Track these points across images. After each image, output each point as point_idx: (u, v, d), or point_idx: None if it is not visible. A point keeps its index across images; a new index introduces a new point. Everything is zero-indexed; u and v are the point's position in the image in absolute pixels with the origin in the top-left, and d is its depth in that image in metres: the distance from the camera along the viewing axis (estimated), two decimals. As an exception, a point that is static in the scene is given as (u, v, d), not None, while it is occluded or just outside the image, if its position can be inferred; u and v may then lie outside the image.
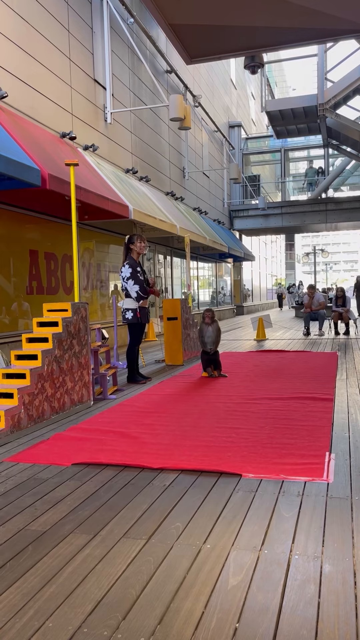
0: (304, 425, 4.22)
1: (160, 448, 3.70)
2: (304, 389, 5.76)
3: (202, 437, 3.95)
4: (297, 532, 2.39)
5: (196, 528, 2.46)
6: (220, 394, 5.70)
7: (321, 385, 5.94)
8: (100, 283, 11.17)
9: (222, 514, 2.61)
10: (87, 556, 2.25)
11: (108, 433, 4.14)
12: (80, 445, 3.85)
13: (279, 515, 2.58)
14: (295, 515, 2.57)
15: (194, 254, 17.85)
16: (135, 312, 6.41)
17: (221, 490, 2.91)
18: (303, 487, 2.92)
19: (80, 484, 3.08)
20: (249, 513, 2.61)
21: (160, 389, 6.06)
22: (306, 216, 22.73)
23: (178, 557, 2.21)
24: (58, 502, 2.83)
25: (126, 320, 6.51)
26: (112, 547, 2.32)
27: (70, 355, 4.93)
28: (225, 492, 2.88)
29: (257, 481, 3.03)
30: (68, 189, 6.76)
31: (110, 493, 2.94)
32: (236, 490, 2.90)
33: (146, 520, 2.57)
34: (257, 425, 4.25)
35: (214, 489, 2.94)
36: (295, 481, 3.01)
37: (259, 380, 6.48)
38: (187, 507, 2.70)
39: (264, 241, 33.44)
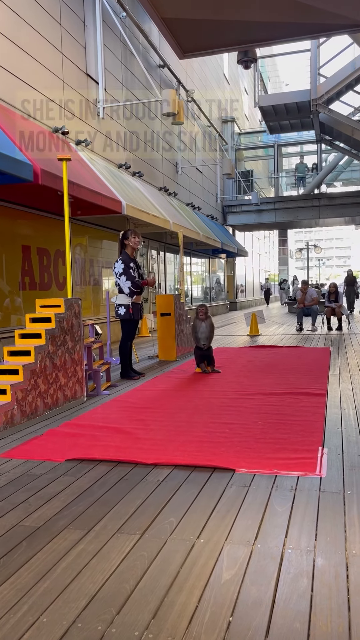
0: (297, 420, 4.24)
1: (154, 443, 3.71)
2: (297, 384, 5.79)
3: (195, 433, 3.96)
4: (290, 527, 2.40)
5: (190, 523, 2.47)
6: (214, 389, 5.71)
7: (314, 380, 5.97)
8: (93, 279, 11.15)
9: (215, 508, 2.62)
10: (82, 551, 2.25)
11: (102, 429, 4.14)
12: (73, 441, 3.85)
13: (272, 509, 2.59)
14: (288, 509, 2.59)
15: (187, 250, 17.83)
16: (128, 308, 6.40)
17: (215, 485, 2.93)
18: (296, 482, 2.93)
19: (74, 480, 3.09)
20: (242, 508, 2.62)
21: (154, 385, 6.06)
22: (299, 212, 22.75)
23: (172, 551, 2.22)
24: (52, 497, 2.83)
25: (119, 316, 6.50)
26: (106, 542, 2.32)
27: (64, 351, 4.92)
28: (218, 487, 2.90)
29: (250, 476, 3.04)
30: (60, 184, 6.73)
31: (104, 488, 2.94)
32: (230, 485, 2.92)
33: (140, 515, 2.58)
34: (250, 421, 4.26)
35: (207, 484, 2.95)
36: (288, 476, 3.03)
37: (253, 375, 6.49)
38: (181, 502, 2.71)
39: (257, 237, 33.46)
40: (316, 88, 17.32)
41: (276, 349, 9.10)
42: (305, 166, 24.60)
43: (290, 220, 23.46)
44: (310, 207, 22.39)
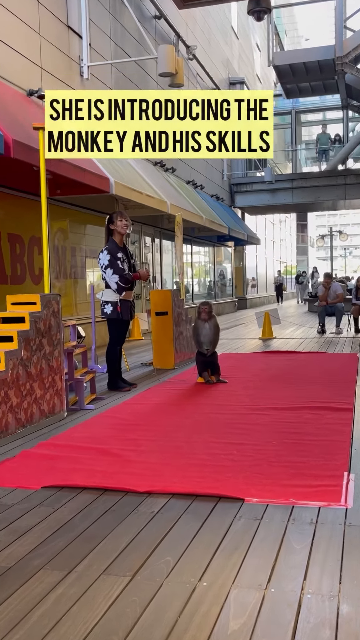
0: (318, 440, 4.24)
1: (147, 468, 3.71)
2: (318, 397, 5.79)
3: (197, 455, 3.95)
4: (310, 567, 2.40)
5: (190, 562, 2.47)
6: (219, 403, 5.71)
7: (339, 392, 5.98)
8: (75, 271, 11.15)
9: (220, 545, 2.62)
10: (61, 596, 2.25)
11: (85, 450, 4.14)
12: (51, 464, 3.85)
13: (288, 546, 2.60)
14: (307, 546, 2.59)
15: (188, 236, 17.85)
16: (116, 306, 6.40)
17: (220, 518, 2.93)
18: (317, 514, 2.94)
19: (51, 511, 3.09)
20: (252, 544, 2.62)
21: (147, 398, 6.06)
22: (321, 191, 22.79)
23: (169, 596, 2.22)
24: (25, 532, 2.83)
25: (105, 315, 6.50)
26: (90, 585, 2.32)
27: (40, 358, 4.92)
28: (224, 520, 2.90)
29: (262, 507, 3.05)
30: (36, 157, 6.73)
31: (88, 522, 2.94)
32: (237, 518, 2.92)
33: (130, 553, 2.58)
34: (262, 441, 4.26)
35: (211, 517, 2.95)
36: (307, 507, 3.03)
37: (265, 386, 6.49)
38: (180, 538, 2.71)
39: (271, 221, 33.50)
40: (342, 44, 17.34)
41: (293, 355, 9.11)
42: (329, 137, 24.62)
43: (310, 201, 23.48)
44: (334, 185, 22.42)
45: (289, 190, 23.32)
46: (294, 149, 25.75)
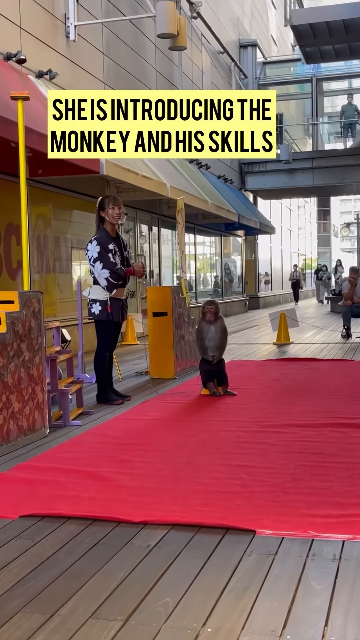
0: (342, 462, 4.24)
1: (142, 494, 3.71)
2: (342, 412, 5.79)
3: (201, 479, 3.95)
4: (333, 610, 2.40)
5: (192, 605, 2.47)
6: (227, 419, 5.70)
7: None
8: (60, 264, 11.15)
9: (228, 585, 2.62)
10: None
11: (70, 473, 4.14)
12: (31, 490, 3.85)
13: (307, 587, 2.59)
14: (329, 587, 2.58)
15: (191, 224, 17.87)
16: (105, 305, 6.39)
17: (227, 553, 2.93)
18: (341, 549, 2.93)
19: (31, 544, 3.08)
20: (265, 584, 2.62)
21: (143, 413, 6.06)
22: (347, 172, 22.78)
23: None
24: (0, 569, 2.83)
25: (92, 315, 6.50)
26: (77, 631, 2.32)
27: (18, 365, 4.92)
28: (232, 556, 2.90)
29: (276, 540, 3.04)
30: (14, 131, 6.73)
31: (73, 556, 2.94)
32: (248, 553, 2.92)
33: (123, 594, 2.58)
34: (277, 463, 4.26)
35: (217, 551, 2.95)
36: (329, 540, 3.03)
37: (280, 400, 6.49)
38: (180, 576, 2.71)
39: (288, 207, 33.50)
40: (371, 0, 17.33)
41: (314, 363, 9.10)
42: (355, 109, 24.63)
43: (334, 183, 23.48)
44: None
45: (308, 170, 23.31)
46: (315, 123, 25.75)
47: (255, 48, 24.71)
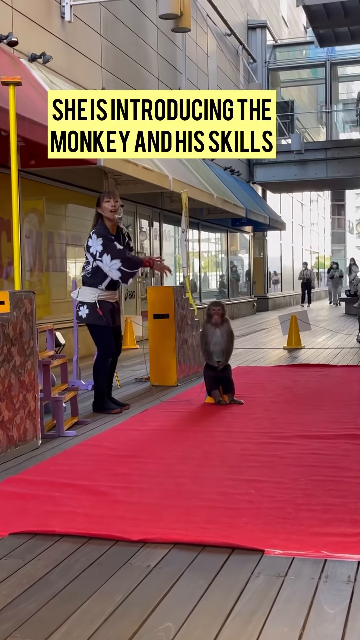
0: (357, 477, 4.23)
1: (142, 510, 3.70)
2: (357, 422, 5.78)
3: (205, 494, 3.95)
4: (347, 637, 2.40)
5: (196, 630, 2.47)
6: (233, 429, 5.70)
7: (384, 417, 5.97)
8: (54, 262, 11.16)
9: (234, 608, 2.62)
10: (33, 672, 2.25)
11: (64, 487, 4.14)
12: (21, 505, 3.85)
13: (319, 611, 2.59)
14: (343, 611, 2.58)
15: (195, 219, 17.88)
16: (93, 308, 6.38)
17: (233, 574, 2.92)
18: (356, 570, 2.93)
19: (21, 564, 3.08)
20: (274, 608, 2.62)
21: (143, 422, 6.06)
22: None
23: (168, 673, 2.22)
24: (-11, 590, 2.83)
25: (80, 319, 6.51)
26: (70, 658, 2.32)
27: (8, 371, 4.93)
28: (239, 577, 2.89)
29: (286, 560, 3.04)
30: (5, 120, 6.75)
31: (67, 577, 2.94)
32: (256, 574, 2.91)
33: (121, 618, 2.57)
34: (287, 477, 4.26)
35: (222, 572, 2.95)
36: (344, 560, 3.02)
37: (291, 409, 6.49)
38: (183, 599, 2.71)
39: (300, 200, 33.51)
40: (389, -21, 17.34)
41: (327, 370, 9.10)
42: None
43: (349, 176, 23.46)
44: (379, 156, 22.43)
45: (322, 162, 23.32)
46: (329, 110, 25.78)
47: (264, 30, 24.74)
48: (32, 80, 9.17)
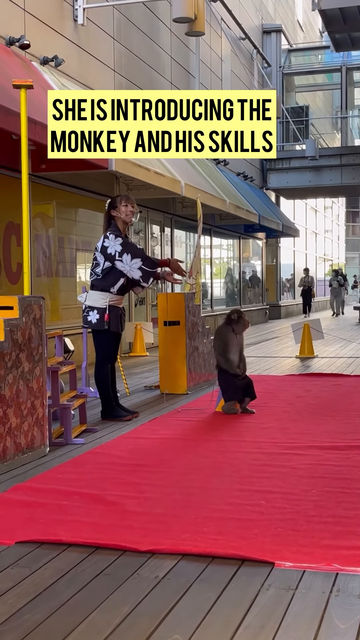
0: (370, 489, 4.22)
1: (150, 520, 3.70)
2: (371, 433, 5.77)
3: (215, 505, 3.94)
4: (358, 652, 2.39)
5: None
6: (244, 439, 5.69)
7: None
8: (64, 267, 11.19)
9: (243, 622, 2.61)
10: None
11: (71, 496, 4.14)
12: (29, 513, 3.85)
13: (330, 625, 2.58)
14: (355, 625, 2.57)
15: (207, 225, 17.90)
16: (103, 314, 6.39)
17: (243, 587, 2.92)
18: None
19: (28, 573, 3.08)
20: (284, 621, 2.61)
21: (153, 431, 6.06)
22: (379, 170, 22.75)
23: None
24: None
25: (89, 324, 6.49)
26: (76, 669, 2.32)
27: (16, 377, 4.94)
28: (248, 589, 2.88)
29: (297, 573, 3.03)
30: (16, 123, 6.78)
31: (74, 587, 2.94)
32: (266, 587, 2.90)
33: (128, 629, 2.57)
34: (298, 489, 4.25)
35: (231, 584, 2.94)
36: (356, 574, 3.01)
37: (303, 419, 6.47)
38: (191, 612, 2.70)
39: (314, 207, 33.49)
40: None
41: (340, 380, 9.07)
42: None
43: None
44: (395, 163, 22.40)
45: (337, 168, 23.31)
46: (345, 116, 25.77)
47: (279, 34, 24.78)
48: (44, 83, 9.21)
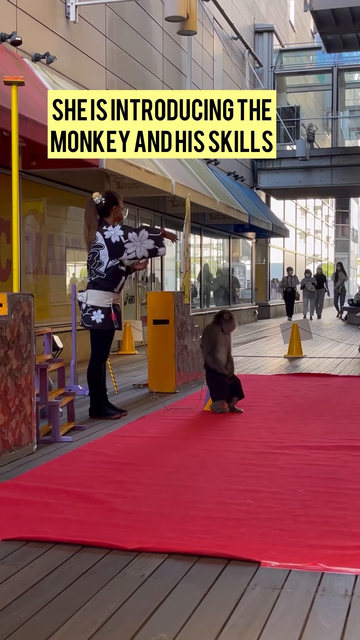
0: (357, 489, 4.22)
1: (137, 519, 3.70)
2: (358, 433, 5.77)
3: (202, 504, 3.94)
4: (343, 652, 2.39)
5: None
6: (232, 438, 5.69)
7: (385, 428, 5.96)
8: (53, 264, 11.16)
9: (229, 620, 2.61)
10: None
11: (59, 494, 4.13)
12: (15, 511, 3.84)
13: (315, 624, 2.58)
14: (340, 625, 2.57)
15: (197, 224, 17.90)
16: (108, 313, 6.36)
17: (229, 585, 2.92)
18: (353, 584, 2.92)
19: (13, 571, 3.08)
20: (270, 621, 2.61)
21: (141, 429, 6.05)
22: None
23: None
24: (-20, 597, 2.83)
25: (92, 324, 6.44)
26: (61, 667, 2.31)
27: (4, 374, 4.93)
28: (235, 588, 2.89)
29: (283, 572, 3.03)
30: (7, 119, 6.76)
31: (60, 586, 2.93)
32: (252, 586, 2.91)
33: (114, 628, 2.57)
34: (286, 488, 4.25)
35: (218, 583, 2.94)
36: (341, 574, 3.01)
37: (291, 419, 6.48)
38: (177, 610, 2.70)
39: (304, 207, 33.54)
40: None
41: (328, 380, 9.09)
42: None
43: (354, 183, 23.47)
44: (385, 164, 22.45)
45: (327, 168, 23.34)
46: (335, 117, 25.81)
47: (271, 34, 24.79)
48: (35, 80, 9.18)
